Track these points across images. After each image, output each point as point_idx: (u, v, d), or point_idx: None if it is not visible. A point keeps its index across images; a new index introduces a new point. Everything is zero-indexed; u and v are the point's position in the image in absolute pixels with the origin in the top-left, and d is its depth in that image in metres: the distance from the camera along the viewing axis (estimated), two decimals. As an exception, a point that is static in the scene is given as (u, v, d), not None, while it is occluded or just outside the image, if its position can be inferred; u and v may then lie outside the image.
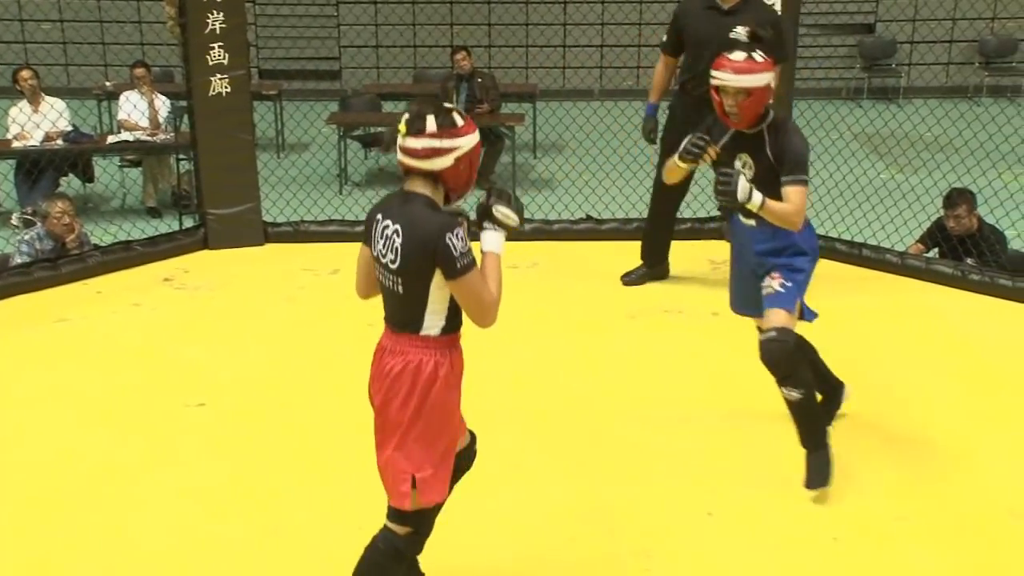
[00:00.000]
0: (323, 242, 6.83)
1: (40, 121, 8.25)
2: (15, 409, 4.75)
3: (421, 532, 3.02)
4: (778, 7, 6.39)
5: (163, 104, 8.91)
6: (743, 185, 3.62)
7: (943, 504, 3.98)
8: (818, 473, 3.93)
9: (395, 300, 2.90)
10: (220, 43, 6.38)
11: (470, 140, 2.84)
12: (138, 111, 8.78)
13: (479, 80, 9.41)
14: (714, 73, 3.72)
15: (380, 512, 3.04)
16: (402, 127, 2.80)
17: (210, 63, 6.41)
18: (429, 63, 12.90)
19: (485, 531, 3.76)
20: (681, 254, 6.24)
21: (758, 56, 3.69)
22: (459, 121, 2.83)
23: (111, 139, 8.80)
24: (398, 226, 2.81)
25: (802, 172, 3.73)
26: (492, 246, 2.92)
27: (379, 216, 2.89)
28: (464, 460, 3.22)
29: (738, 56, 3.69)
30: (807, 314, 3.97)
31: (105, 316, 5.80)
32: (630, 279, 6.19)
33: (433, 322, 2.87)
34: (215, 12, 6.33)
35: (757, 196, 3.64)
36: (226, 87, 6.49)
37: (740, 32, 3.83)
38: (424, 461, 2.90)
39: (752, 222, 3.87)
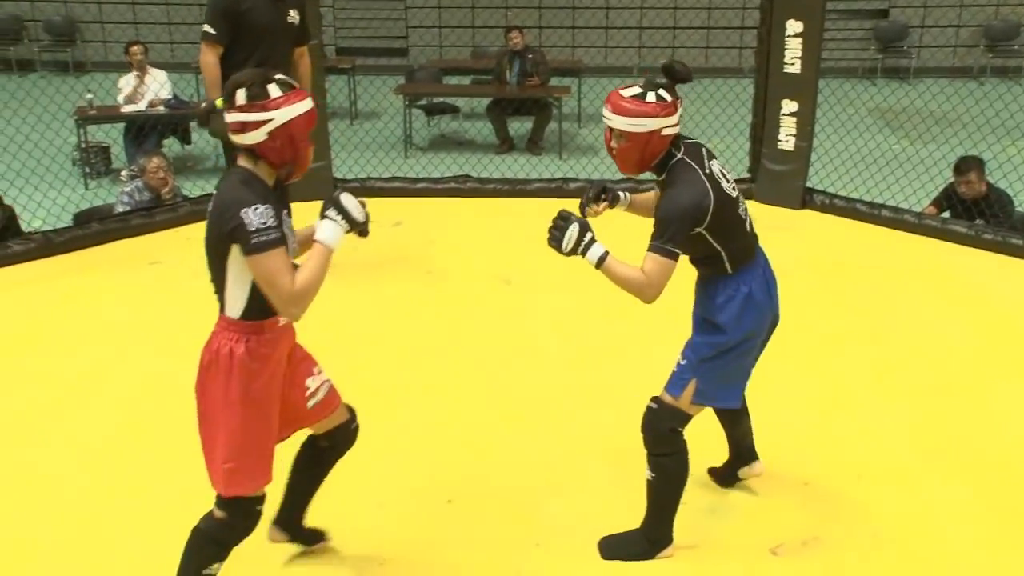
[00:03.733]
0: (387, 197, 6.57)
1: (145, 91, 8.12)
2: (111, 333, 4.59)
3: (236, 522, 2.51)
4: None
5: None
6: (571, 234, 2.66)
7: (963, 444, 3.68)
8: (622, 548, 3.01)
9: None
10: (296, 17, 6.07)
11: (286, 113, 2.31)
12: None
13: (530, 56, 9.07)
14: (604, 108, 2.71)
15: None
16: (219, 100, 2.33)
17: (286, 34, 6.09)
18: (486, 41, 12.57)
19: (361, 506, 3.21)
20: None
21: (652, 96, 2.62)
22: (274, 92, 2.31)
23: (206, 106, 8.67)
24: (212, 199, 2.38)
25: (664, 238, 2.64)
26: (325, 236, 2.39)
27: None
28: (338, 439, 2.76)
29: (628, 91, 2.65)
30: (710, 399, 2.88)
31: (193, 259, 5.52)
32: None
33: (233, 304, 2.41)
34: (289, -11, 6.02)
35: (594, 252, 2.66)
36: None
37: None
38: (229, 452, 2.43)
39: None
